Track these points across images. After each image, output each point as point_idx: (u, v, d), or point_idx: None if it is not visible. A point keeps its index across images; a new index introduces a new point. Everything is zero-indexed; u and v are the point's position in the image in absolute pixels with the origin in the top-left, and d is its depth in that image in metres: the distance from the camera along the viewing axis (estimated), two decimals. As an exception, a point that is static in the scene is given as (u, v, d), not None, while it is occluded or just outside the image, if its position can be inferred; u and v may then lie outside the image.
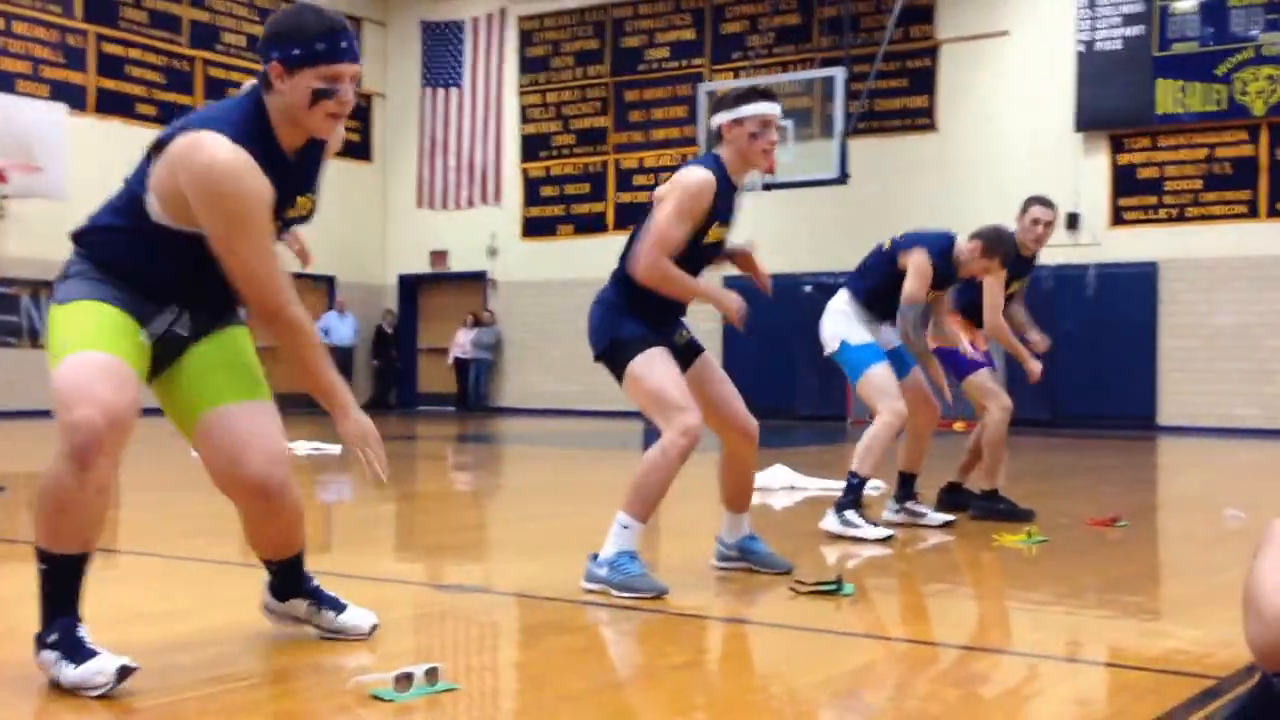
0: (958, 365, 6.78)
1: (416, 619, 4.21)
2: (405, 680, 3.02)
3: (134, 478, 8.33)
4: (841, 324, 6.32)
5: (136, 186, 3.24)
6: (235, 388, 3.39)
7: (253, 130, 3.19)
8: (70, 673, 3.01)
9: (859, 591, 4.62)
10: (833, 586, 4.51)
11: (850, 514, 6.05)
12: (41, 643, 3.10)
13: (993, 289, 6.64)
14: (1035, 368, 6.88)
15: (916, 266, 6.23)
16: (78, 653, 3.03)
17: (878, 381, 6.13)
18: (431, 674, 3.08)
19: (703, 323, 12.81)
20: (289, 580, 3.65)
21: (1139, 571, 5.49)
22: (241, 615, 3.92)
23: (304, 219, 3.49)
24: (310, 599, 3.65)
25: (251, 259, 3.16)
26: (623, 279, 4.68)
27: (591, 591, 4.45)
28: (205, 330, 3.42)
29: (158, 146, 3.20)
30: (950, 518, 6.60)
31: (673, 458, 4.47)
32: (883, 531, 5.99)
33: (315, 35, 3.17)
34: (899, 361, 6.32)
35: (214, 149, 3.09)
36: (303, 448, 11.01)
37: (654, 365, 4.55)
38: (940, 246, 6.38)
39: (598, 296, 4.76)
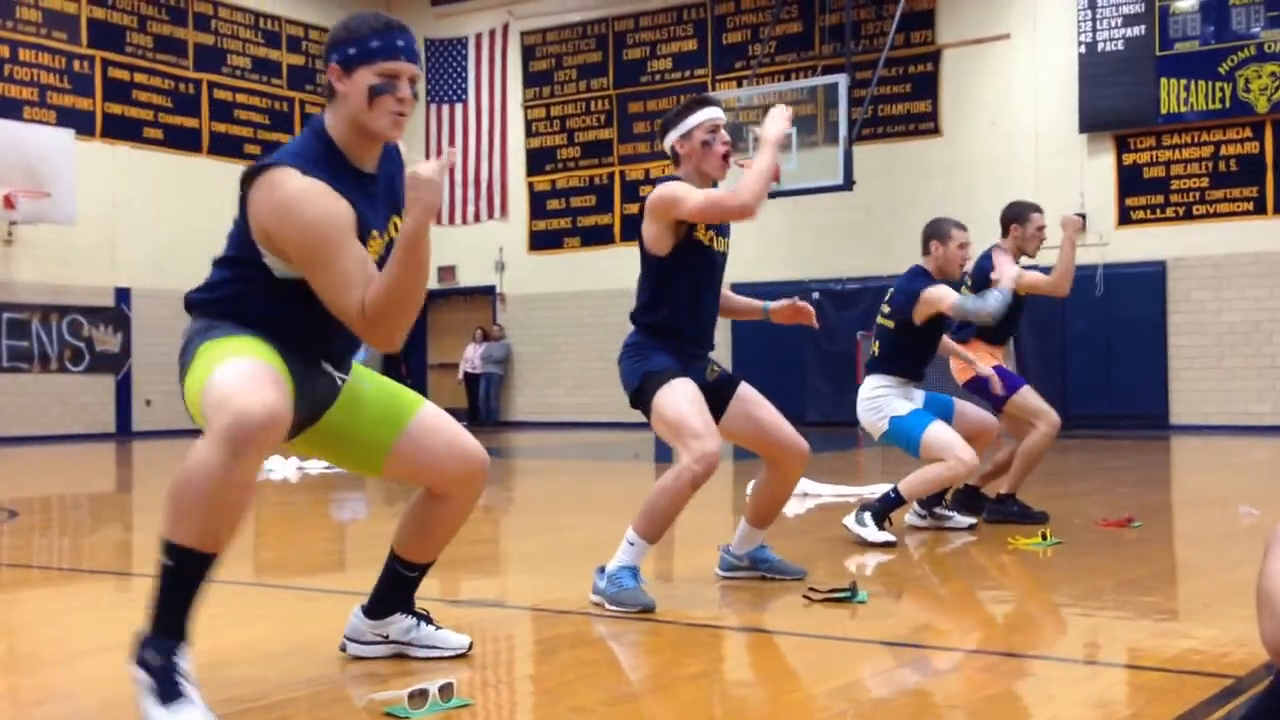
0: (994, 394, 6.74)
1: (431, 635, 4.20)
2: (420, 697, 3.02)
3: (141, 499, 8.35)
4: (880, 406, 6.33)
5: (243, 235, 3.20)
6: (404, 404, 3.45)
7: (318, 155, 3.17)
8: (156, 714, 2.84)
9: (872, 598, 4.61)
10: (846, 594, 4.50)
11: (866, 514, 6.09)
12: (141, 644, 2.92)
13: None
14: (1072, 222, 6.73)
15: (929, 296, 6.23)
16: (170, 694, 2.86)
17: (938, 440, 6.10)
18: (445, 690, 3.08)
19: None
20: (406, 592, 3.63)
21: (1154, 571, 5.48)
22: (253, 635, 3.92)
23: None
24: (413, 614, 3.64)
25: (337, 283, 3.06)
26: (642, 321, 4.72)
27: (595, 604, 4.47)
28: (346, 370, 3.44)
29: (243, 195, 3.17)
30: (974, 520, 6.61)
31: (684, 484, 4.47)
32: (885, 536, 6.01)
33: (370, 33, 3.20)
34: (938, 408, 6.37)
35: (284, 182, 3.07)
36: (316, 466, 11.02)
37: (676, 393, 4.54)
38: (919, 272, 6.41)
39: (625, 343, 4.77)
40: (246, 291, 3.21)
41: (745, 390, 4.79)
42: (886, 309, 6.45)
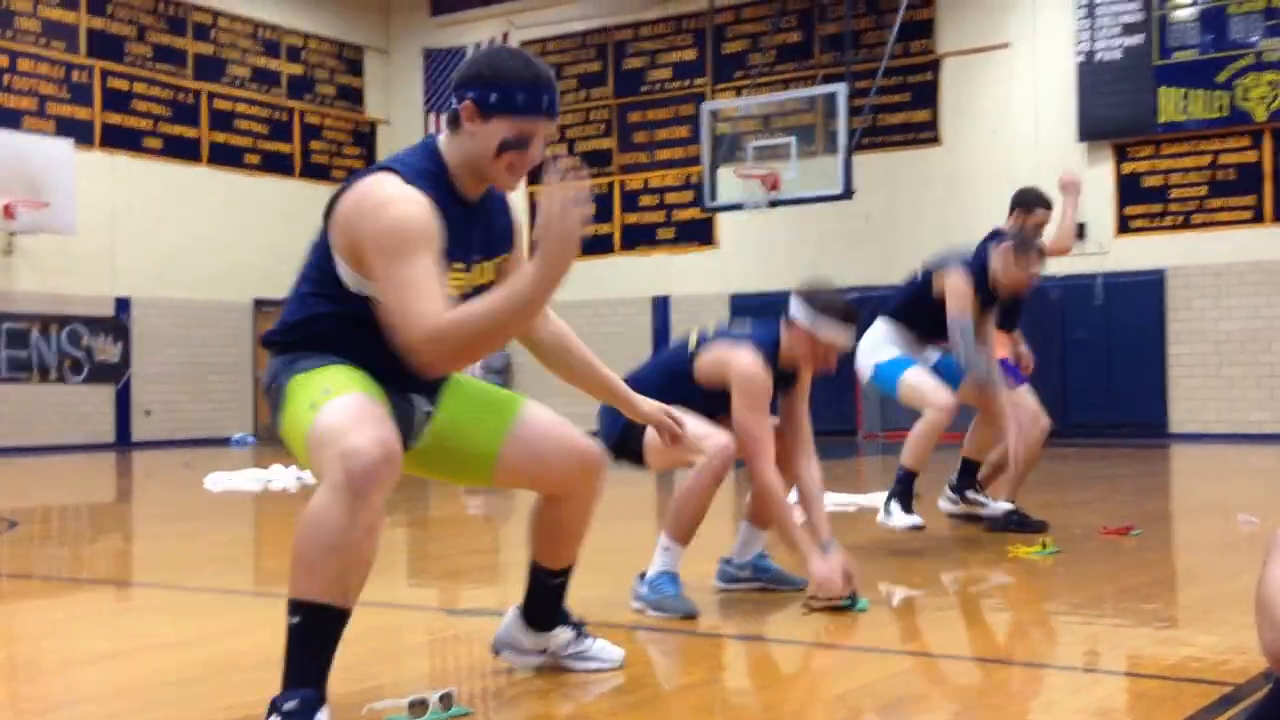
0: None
1: (430, 644, 4.21)
2: (420, 706, 3.02)
3: (141, 509, 8.35)
4: (870, 353, 6.32)
5: (322, 260, 3.06)
6: (504, 407, 3.37)
7: (426, 172, 3.01)
8: None
9: (872, 606, 4.61)
10: (847, 602, 4.50)
11: (892, 503, 6.11)
12: (275, 709, 2.79)
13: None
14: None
15: (954, 288, 6.14)
16: None
17: (914, 382, 6.11)
18: (446, 699, 3.08)
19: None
20: (558, 601, 3.58)
21: (1154, 579, 5.48)
22: (255, 643, 3.92)
23: (481, 288, 3.16)
24: (573, 627, 3.60)
25: (407, 290, 2.79)
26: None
27: (637, 611, 4.49)
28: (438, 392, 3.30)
29: (329, 211, 3.04)
30: (1010, 506, 6.52)
31: (707, 480, 4.49)
32: (911, 521, 6.00)
33: (517, 83, 2.98)
34: (948, 373, 6.32)
35: (381, 182, 2.94)
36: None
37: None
38: (977, 264, 6.24)
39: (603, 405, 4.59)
40: (329, 319, 3.05)
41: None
42: (920, 270, 6.40)
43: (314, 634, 2.78)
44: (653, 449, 4.59)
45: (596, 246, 21.79)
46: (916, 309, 6.30)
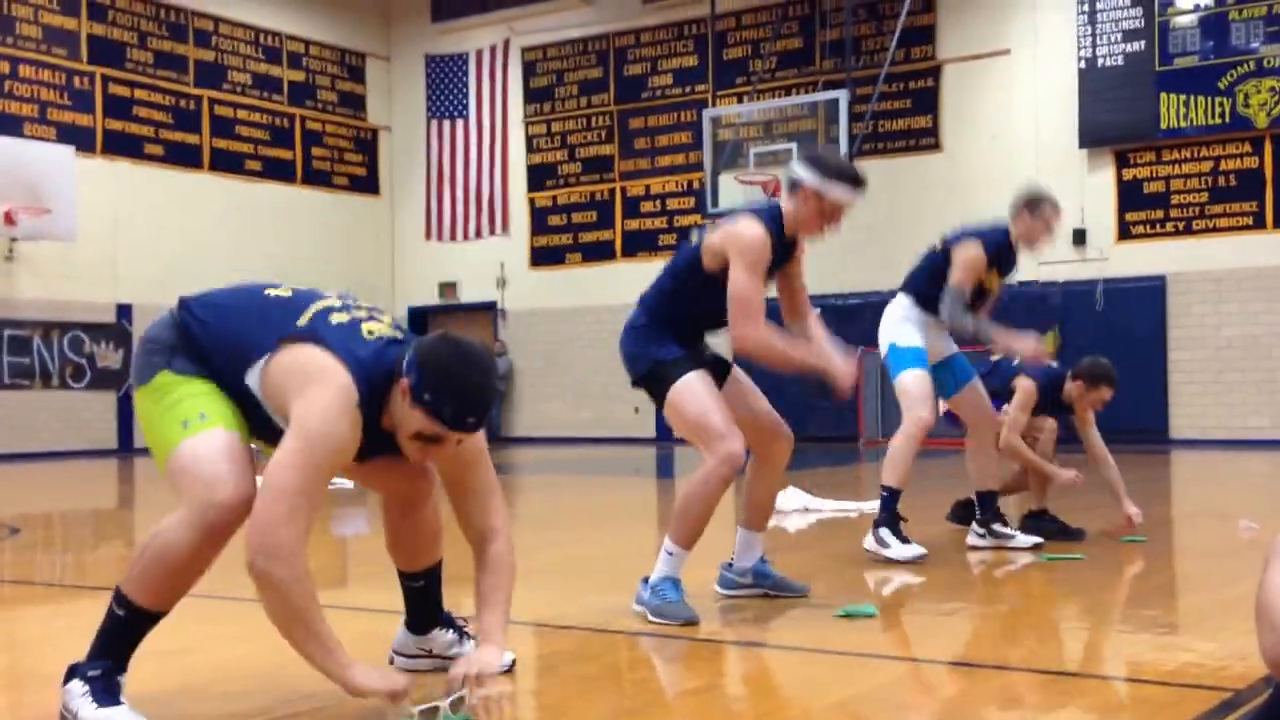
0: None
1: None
2: (431, 713, 3.03)
3: (144, 516, 8.36)
4: (892, 328, 6.26)
5: (256, 354, 3.20)
6: None
7: (380, 397, 3.13)
8: (89, 712, 2.99)
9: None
10: (866, 609, 4.55)
11: (884, 532, 5.97)
12: (78, 672, 3.07)
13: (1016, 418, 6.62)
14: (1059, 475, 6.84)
15: (965, 258, 6.09)
16: (105, 696, 3.02)
17: (908, 385, 6.09)
18: (456, 704, 3.09)
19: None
20: (427, 604, 3.64)
21: (1154, 585, 5.48)
22: (252, 651, 3.92)
23: None
24: (453, 629, 3.66)
25: (282, 488, 2.99)
26: (652, 307, 4.72)
27: (638, 613, 4.51)
28: None
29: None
30: (1039, 540, 6.38)
31: (714, 486, 4.49)
32: (914, 551, 5.91)
33: (451, 398, 3.04)
34: (957, 372, 6.30)
35: (338, 393, 3.05)
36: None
37: (696, 391, 4.54)
38: (995, 239, 6.24)
39: (628, 323, 4.77)
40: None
41: (738, 375, 4.81)
42: (940, 242, 6.34)
43: (133, 628, 3.13)
44: (677, 410, 4.58)
45: (599, 253, 21.81)
46: (934, 285, 6.21)
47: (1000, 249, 6.22)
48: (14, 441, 18.05)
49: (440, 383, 3.02)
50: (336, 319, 3.20)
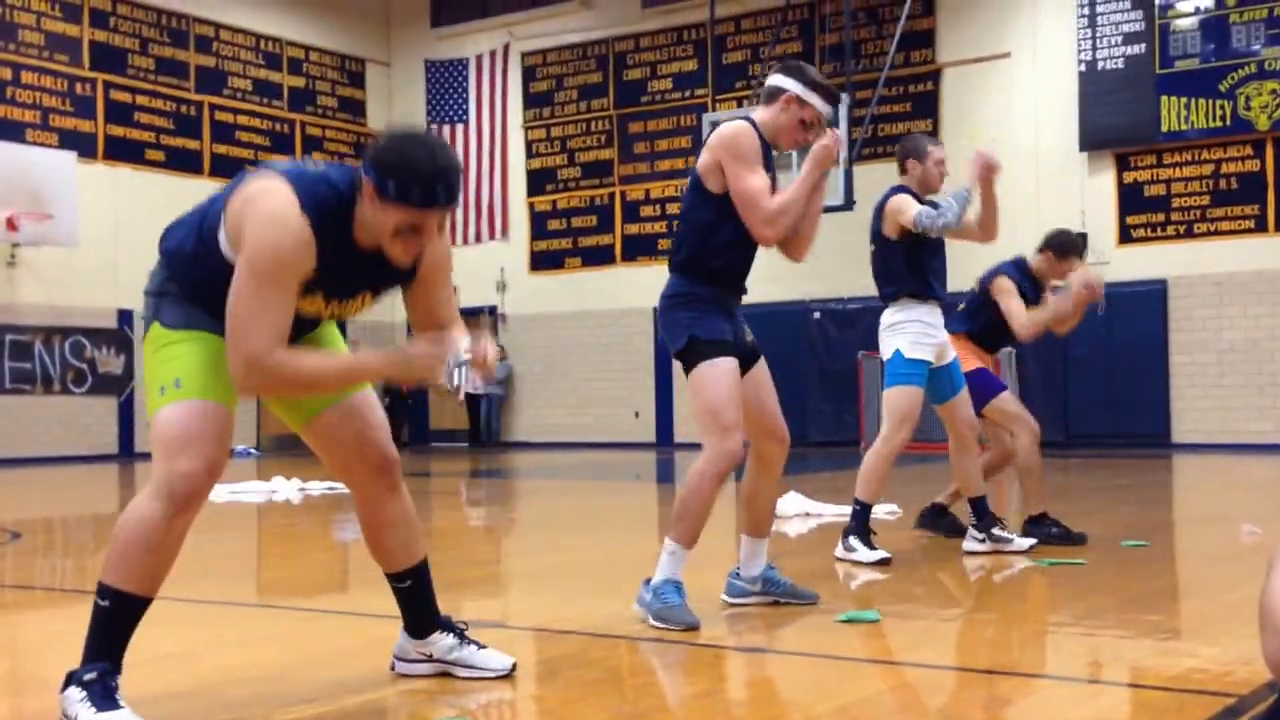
0: (982, 389, 6.70)
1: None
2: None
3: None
4: (895, 335, 6.24)
5: (214, 219, 3.21)
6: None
7: (327, 208, 3.11)
8: (89, 717, 3.00)
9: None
10: (869, 615, 4.54)
11: (853, 540, 6.06)
12: (74, 678, 3.09)
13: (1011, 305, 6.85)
14: (1086, 288, 6.98)
15: (892, 207, 6.30)
16: (104, 701, 3.03)
17: (898, 403, 6.12)
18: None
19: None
20: (426, 607, 3.62)
21: (1157, 590, 5.47)
22: (257, 656, 3.91)
23: (348, 315, 3.42)
24: (453, 632, 3.64)
25: (250, 311, 3.03)
26: (688, 269, 4.68)
27: (639, 614, 4.50)
28: None
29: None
30: (1034, 541, 6.38)
31: (709, 483, 4.51)
32: (878, 554, 5.97)
33: (414, 178, 3.03)
34: (954, 379, 6.31)
35: (276, 202, 3.05)
36: (317, 487, 11.02)
37: (720, 380, 4.53)
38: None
39: (664, 293, 4.73)
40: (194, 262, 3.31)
41: (761, 368, 4.80)
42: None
43: (120, 618, 3.14)
44: (697, 390, 4.56)
45: (599, 257, 21.82)
46: (888, 272, 6.32)
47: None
48: (15, 446, 18.05)
49: (399, 169, 3.04)
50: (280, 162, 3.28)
